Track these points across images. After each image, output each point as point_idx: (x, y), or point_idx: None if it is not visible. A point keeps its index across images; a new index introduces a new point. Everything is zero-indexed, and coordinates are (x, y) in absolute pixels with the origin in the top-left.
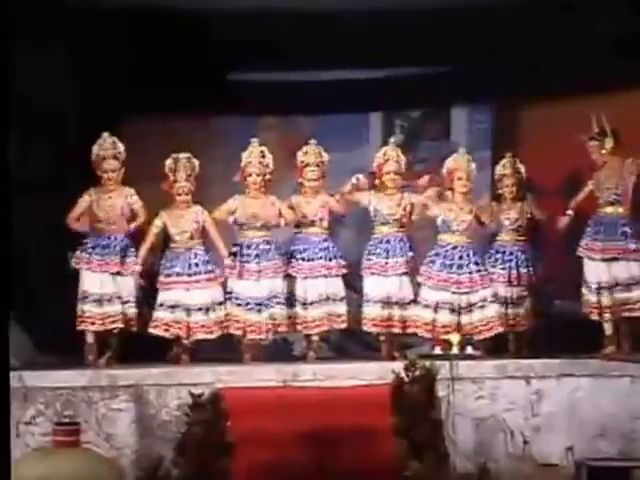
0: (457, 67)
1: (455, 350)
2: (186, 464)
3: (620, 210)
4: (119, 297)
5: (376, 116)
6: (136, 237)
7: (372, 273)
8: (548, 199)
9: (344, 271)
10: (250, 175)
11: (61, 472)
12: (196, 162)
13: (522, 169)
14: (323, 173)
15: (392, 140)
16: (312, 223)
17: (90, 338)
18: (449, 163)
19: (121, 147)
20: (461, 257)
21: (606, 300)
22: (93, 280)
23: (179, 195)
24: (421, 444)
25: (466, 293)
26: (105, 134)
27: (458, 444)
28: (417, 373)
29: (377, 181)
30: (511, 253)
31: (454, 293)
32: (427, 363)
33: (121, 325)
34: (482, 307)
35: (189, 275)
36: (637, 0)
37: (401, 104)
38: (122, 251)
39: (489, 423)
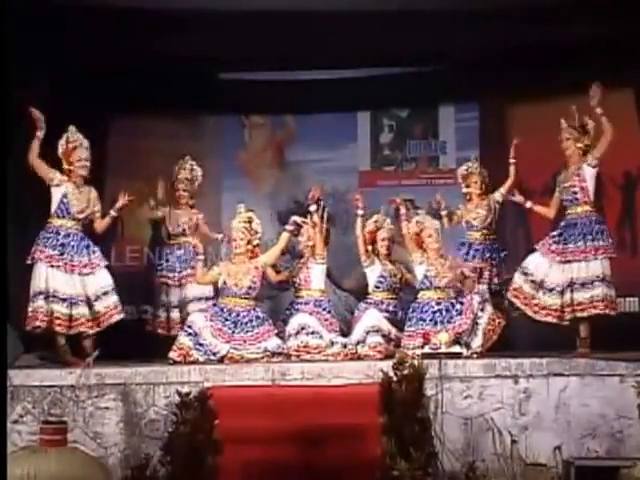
0: (444, 66)
1: (444, 349)
2: (174, 463)
3: (579, 210)
4: (85, 298)
5: (364, 115)
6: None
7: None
8: (536, 197)
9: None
10: (241, 240)
11: (48, 471)
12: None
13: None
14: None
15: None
16: None
17: (61, 340)
18: (416, 223)
19: (86, 143)
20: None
21: (562, 301)
22: (59, 279)
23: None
24: (409, 443)
25: None
26: (72, 127)
27: (446, 443)
28: (405, 372)
29: (370, 247)
30: (477, 250)
31: None
32: (415, 362)
33: (86, 329)
34: None
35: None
36: None
37: (389, 103)
38: (87, 249)
39: (477, 422)
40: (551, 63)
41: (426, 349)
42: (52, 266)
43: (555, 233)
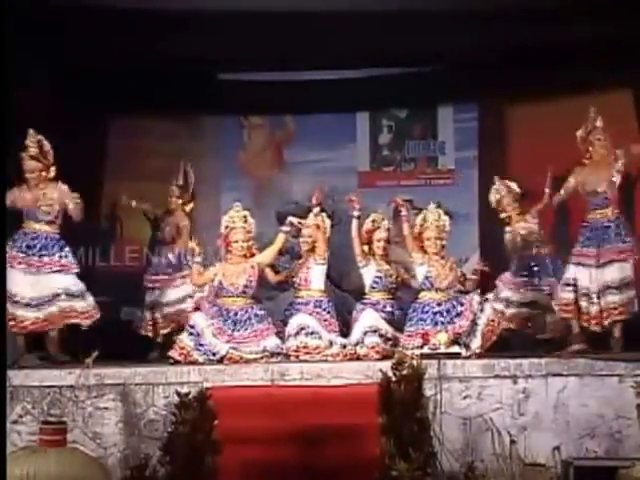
0: (443, 66)
1: (443, 349)
2: (173, 463)
3: (609, 213)
4: (62, 294)
5: (363, 116)
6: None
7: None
8: (535, 197)
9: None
10: (236, 242)
11: (47, 471)
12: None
13: (515, 187)
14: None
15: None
16: None
17: (21, 341)
18: (419, 221)
19: (47, 146)
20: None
21: (597, 306)
22: (28, 281)
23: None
24: (408, 443)
25: None
26: (30, 131)
27: (445, 443)
28: (404, 372)
29: (365, 247)
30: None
31: None
32: (414, 362)
33: (79, 320)
34: None
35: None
36: None
37: (388, 104)
38: (59, 251)
39: (476, 422)
40: (551, 63)
41: (425, 349)
42: (13, 267)
43: (583, 238)
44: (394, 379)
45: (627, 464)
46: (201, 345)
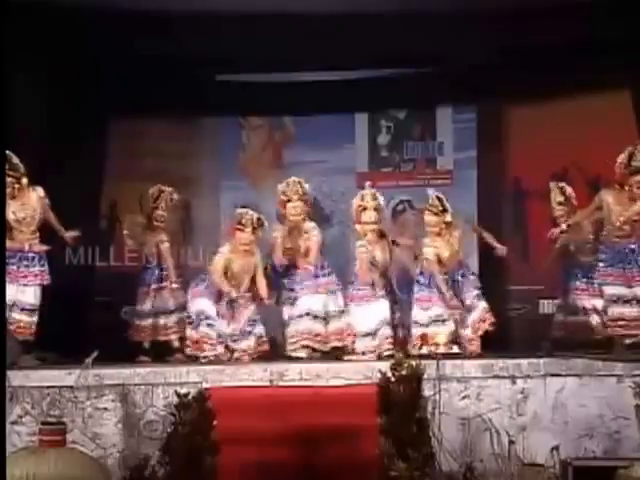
0: (442, 67)
1: (441, 349)
2: (172, 463)
3: (632, 239)
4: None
5: (362, 116)
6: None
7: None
8: (533, 198)
9: None
10: (242, 243)
11: (47, 472)
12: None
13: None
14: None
15: (367, 184)
16: None
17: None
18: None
19: (15, 159)
20: None
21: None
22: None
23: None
24: (407, 443)
25: None
26: None
27: (444, 444)
28: (403, 372)
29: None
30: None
31: None
32: (413, 362)
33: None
34: None
35: None
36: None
37: (386, 104)
38: (40, 261)
39: (475, 423)
40: (550, 64)
41: (424, 350)
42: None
43: (605, 256)
44: (393, 379)
45: (626, 464)
46: (210, 326)
